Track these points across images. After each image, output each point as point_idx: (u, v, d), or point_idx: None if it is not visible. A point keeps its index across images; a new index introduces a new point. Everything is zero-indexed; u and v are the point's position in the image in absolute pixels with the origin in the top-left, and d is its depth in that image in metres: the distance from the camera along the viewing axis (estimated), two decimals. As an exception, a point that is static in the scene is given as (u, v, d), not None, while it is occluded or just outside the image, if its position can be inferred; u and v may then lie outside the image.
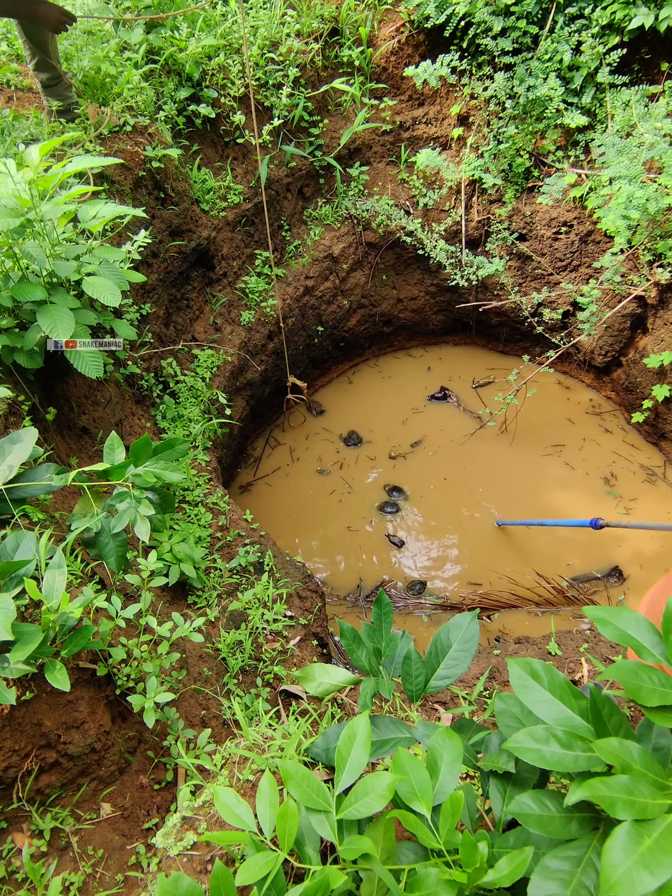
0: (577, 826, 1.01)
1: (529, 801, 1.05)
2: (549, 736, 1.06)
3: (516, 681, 1.14)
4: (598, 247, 4.79)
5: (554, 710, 1.11)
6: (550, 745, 1.06)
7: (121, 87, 3.66)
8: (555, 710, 1.11)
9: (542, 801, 1.04)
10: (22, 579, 1.63)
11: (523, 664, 1.17)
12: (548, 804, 1.07)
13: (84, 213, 2.47)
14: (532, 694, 1.13)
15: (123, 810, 1.93)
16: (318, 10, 4.55)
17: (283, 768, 1.15)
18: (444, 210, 5.12)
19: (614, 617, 1.17)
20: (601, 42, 4.13)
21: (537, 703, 1.10)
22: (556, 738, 1.05)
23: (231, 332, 4.53)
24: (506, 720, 1.20)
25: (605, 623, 1.17)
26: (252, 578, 3.10)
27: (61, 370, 2.75)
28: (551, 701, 1.12)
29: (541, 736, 1.06)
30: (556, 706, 1.11)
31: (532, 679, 1.14)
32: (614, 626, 1.16)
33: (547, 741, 1.06)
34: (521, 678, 1.14)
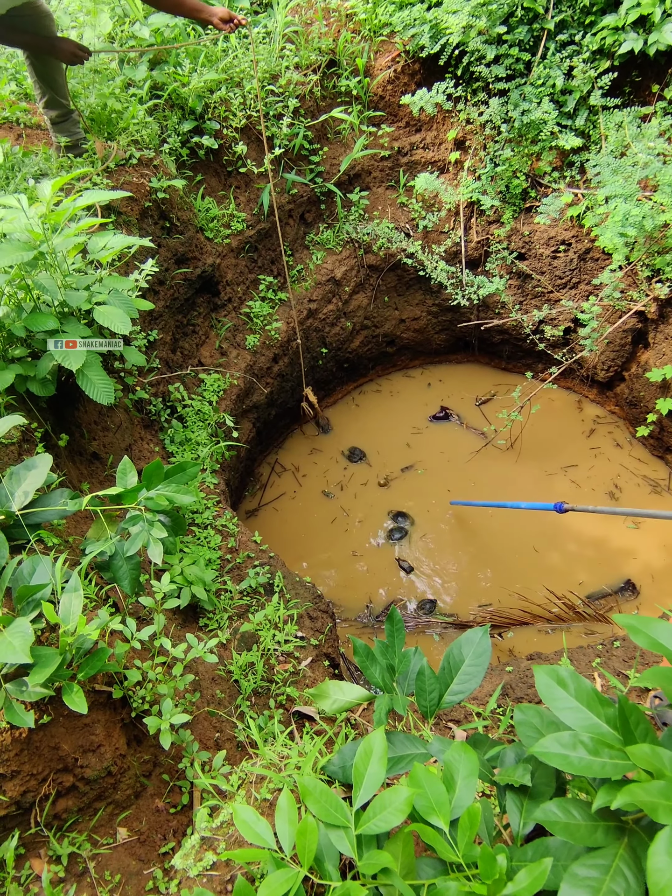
0: (602, 834, 1.02)
1: (555, 809, 1.06)
2: (576, 742, 1.08)
3: (543, 688, 1.15)
4: (596, 264, 4.86)
5: (581, 718, 1.12)
6: (578, 751, 1.07)
7: (126, 121, 3.77)
8: (582, 717, 1.12)
9: (567, 809, 1.05)
10: (39, 603, 1.65)
11: (550, 671, 1.19)
12: (573, 812, 1.08)
13: (93, 244, 2.54)
14: (559, 701, 1.14)
15: (140, 835, 1.93)
16: (315, 43, 4.69)
17: (302, 784, 1.16)
18: (443, 232, 5.21)
19: (646, 626, 1.18)
20: (592, 66, 4.24)
21: (564, 710, 1.12)
22: (583, 745, 1.06)
23: (237, 355, 4.60)
24: (525, 730, 1.21)
25: (637, 632, 1.18)
26: (262, 600, 3.12)
27: (73, 397, 2.80)
28: (578, 708, 1.13)
29: (567, 742, 1.07)
30: (583, 713, 1.12)
31: (559, 686, 1.16)
32: (646, 634, 1.17)
33: (574, 747, 1.07)
34: (547, 686, 1.15)
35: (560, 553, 4.66)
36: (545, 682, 1.18)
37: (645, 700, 2.21)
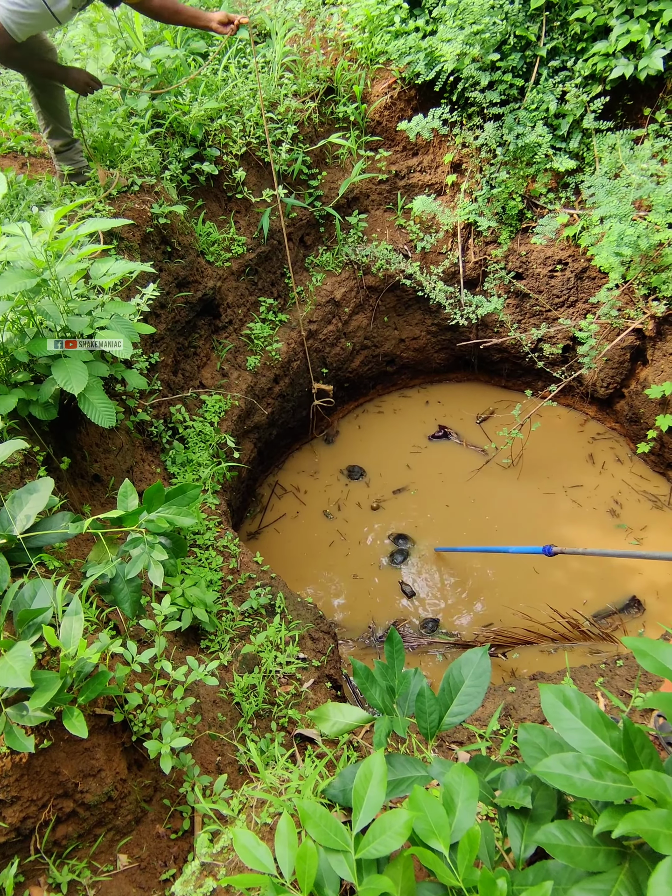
0: (604, 858, 1.01)
1: (556, 832, 1.05)
2: (579, 763, 1.07)
3: (548, 708, 1.15)
4: (593, 282, 4.91)
5: (585, 739, 1.11)
6: (581, 773, 1.07)
7: (128, 150, 3.85)
8: (586, 738, 1.11)
9: (568, 832, 1.04)
10: (40, 627, 1.66)
11: (556, 691, 1.18)
12: (574, 835, 1.08)
13: (96, 270, 2.59)
14: (564, 721, 1.14)
15: (140, 861, 1.91)
16: (313, 71, 4.79)
17: (301, 808, 1.16)
18: (441, 253, 5.27)
19: (653, 649, 1.18)
20: (585, 91, 4.32)
21: (568, 730, 1.11)
22: (586, 767, 1.06)
23: (238, 377, 4.63)
24: (529, 750, 1.21)
25: (644, 655, 1.18)
26: (264, 621, 3.11)
27: (74, 420, 2.83)
28: (583, 730, 1.13)
29: (571, 763, 1.07)
30: (588, 735, 1.12)
31: (564, 707, 1.15)
32: (653, 657, 1.17)
33: (577, 769, 1.07)
34: (553, 705, 1.15)
35: (563, 571, 4.65)
36: (551, 701, 1.18)
37: (648, 719, 2.19)
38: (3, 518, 1.87)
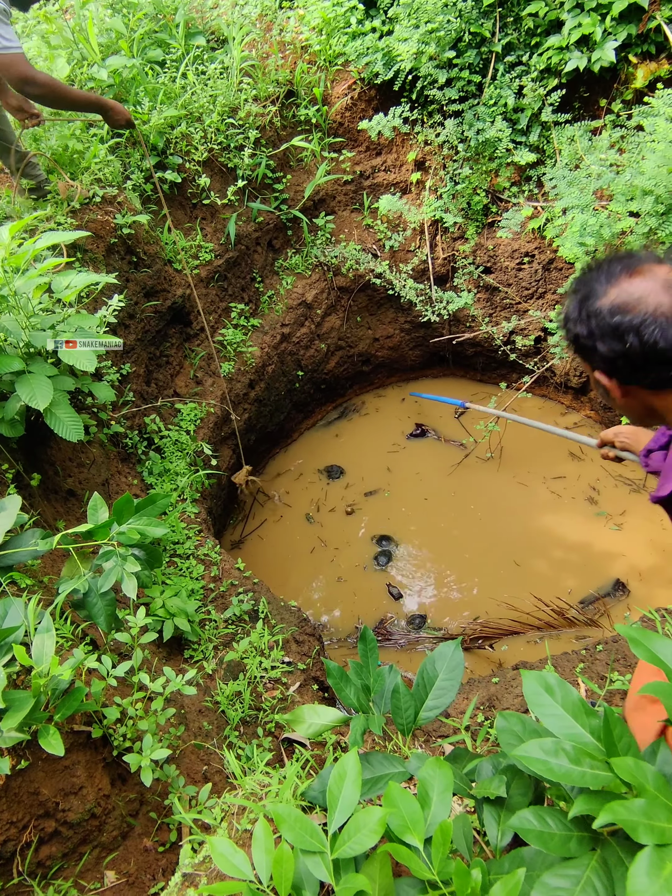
0: (575, 845, 1.02)
1: (530, 817, 1.06)
2: (558, 749, 1.08)
3: (530, 694, 1.16)
4: (560, 273, 4.96)
5: (565, 725, 1.12)
6: (559, 759, 1.08)
7: (88, 161, 3.82)
8: (566, 725, 1.12)
9: (542, 818, 1.06)
10: (11, 647, 1.64)
11: (538, 677, 1.19)
12: (548, 821, 1.09)
13: (57, 283, 2.57)
14: (544, 707, 1.15)
15: (128, 877, 1.89)
16: (273, 75, 4.80)
17: (275, 812, 1.16)
18: (409, 250, 5.30)
19: (647, 639, 1.18)
20: (541, 85, 4.37)
21: (548, 716, 1.12)
22: (564, 753, 1.07)
23: (212, 383, 4.62)
24: (507, 738, 1.22)
25: (638, 644, 1.18)
26: (248, 627, 3.10)
27: (44, 436, 2.80)
28: (563, 716, 1.13)
29: (550, 748, 1.08)
30: (568, 721, 1.13)
31: (546, 693, 1.16)
32: (646, 647, 1.17)
33: (556, 754, 1.08)
34: (535, 692, 1.16)
35: (546, 560, 4.68)
36: (532, 687, 1.18)
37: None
38: (-30, 538, 1.85)
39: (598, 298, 1.32)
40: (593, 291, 1.34)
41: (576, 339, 1.38)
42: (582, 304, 1.36)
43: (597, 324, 1.31)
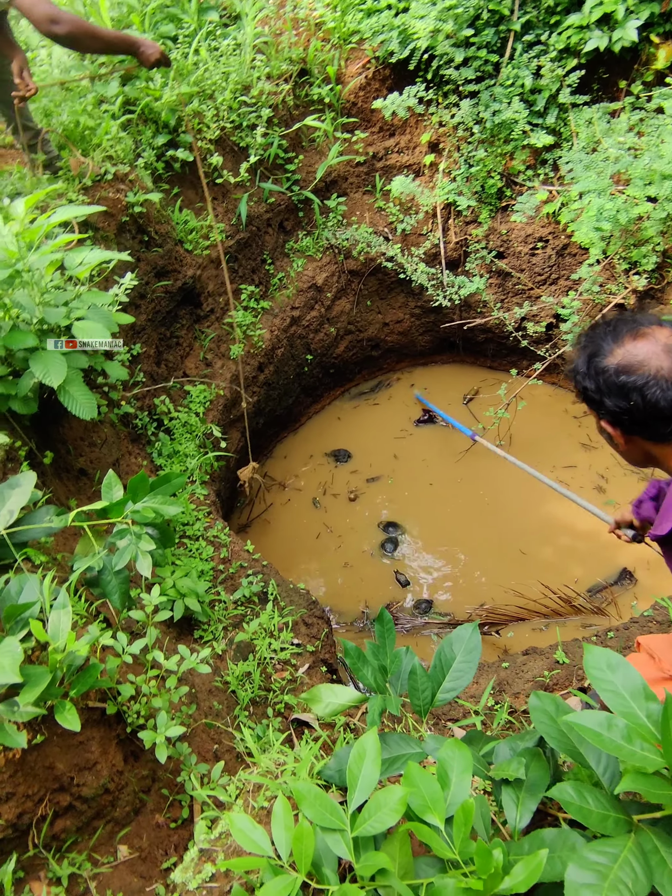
0: (613, 824, 1.03)
1: (570, 790, 1.06)
2: (611, 724, 1.09)
3: (592, 668, 1.16)
4: (574, 259, 4.90)
5: (622, 704, 1.12)
6: (611, 733, 1.08)
7: (100, 137, 3.78)
8: (623, 703, 1.12)
9: (581, 793, 1.06)
10: (27, 622, 1.64)
11: (601, 653, 1.19)
12: (586, 797, 1.09)
13: (70, 260, 2.54)
14: (606, 683, 1.15)
15: (141, 851, 1.91)
16: (286, 53, 4.72)
17: (296, 790, 1.16)
18: (422, 234, 5.24)
19: None
20: (560, 65, 4.29)
21: (608, 692, 1.13)
22: (617, 729, 1.07)
23: (222, 366, 4.60)
24: (539, 717, 1.22)
25: None
26: (257, 608, 3.11)
27: (56, 414, 2.79)
28: (622, 695, 1.13)
29: (602, 721, 1.08)
30: (626, 701, 1.13)
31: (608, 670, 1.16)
32: None
33: (609, 728, 1.08)
34: (597, 666, 1.16)
35: (553, 548, 4.68)
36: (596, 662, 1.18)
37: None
38: (-15, 514, 1.84)
39: (605, 357, 1.45)
40: (601, 350, 1.47)
41: (584, 391, 1.53)
42: (590, 360, 1.49)
43: (604, 381, 1.44)
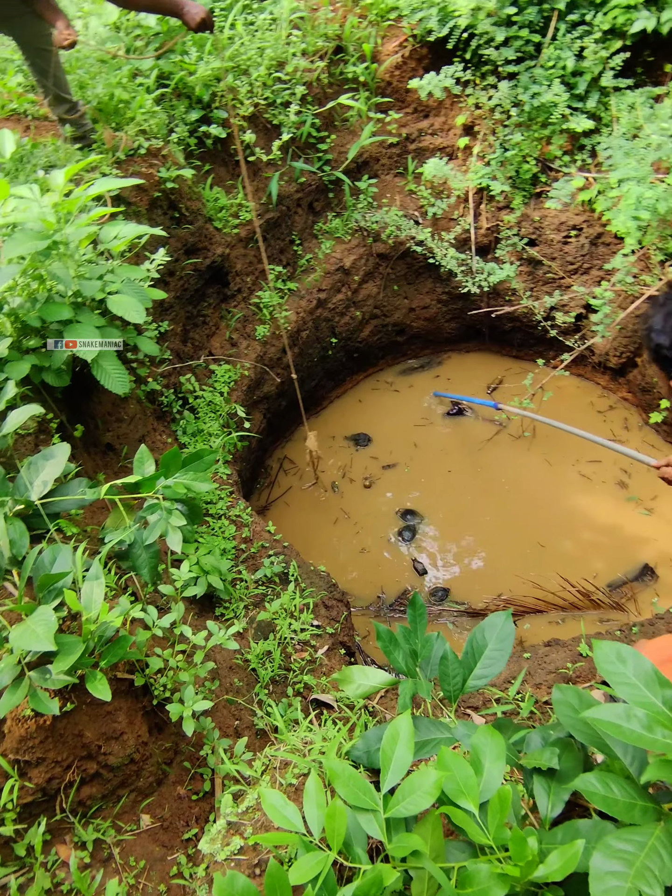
0: (640, 813, 1.01)
1: (594, 780, 1.06)
2: (630, 715, 1.08)
3: (602, 662, 1.15)
4: (608, 249, 4.80)
5: (637, 694, 1.11)
6: (631, 723, 1.07)
7: (134, 111, 3.75)
8: (638, 693, 1.11)
9: (605, 783, 1.05)
10: (60, 592, 1.66)
11: (611, 647, 1.18)
12: (612, 787, 1.08)
13: (105, 234, 2.53)
14: (618, 676, 1.14)
15: (163, 821, 1.94)
16: (322, 29, 4.64)
17: (330, 768, 1.16)
18: (452, 219, 5.16)
19: None
20: (604, 47, 4.17)
21: (621, 684, 1.11)
22: (637, 719, 1.06)
23: (247, 346, 4.59)
24: (563, 709, 1.21)
25: None
26: (277, 589, 3.12)
27: (87, 388, 2.80)
28: (635, 685, 1.12)
29: (621, 713, 1.07)
30: (640, 690, 1.12)
31: (619, 662, 1.15)
32: None
33: (628, 719, 1.07)
34: (607, 660, 1.15)
35: (574, 542, 4.64)
36: (605, 656, 1.17)
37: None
38: (19, 484, 1.86)
39: None
40: None
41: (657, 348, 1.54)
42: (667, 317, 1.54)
43: None
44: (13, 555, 1.72)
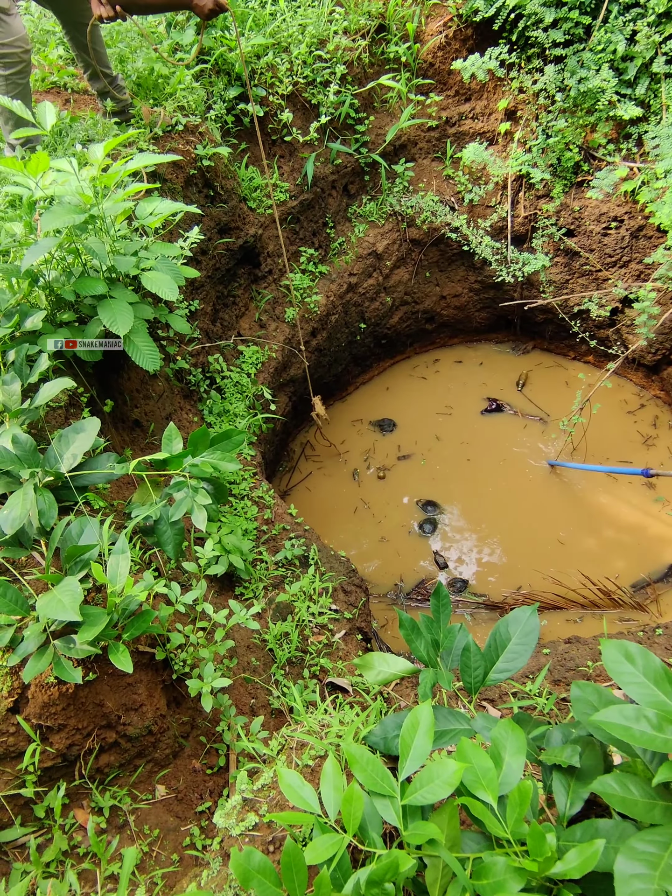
0: (660, 812, 1.00)
1: (612, 782, 1.04)
2: (640, 716, 1.06)
3: (610, 662, 1.13)
4: (649, 242, 4.68)
5: (647, 693, 1.10)
6: (640, 724, 1.06)
7: (173, 87, 3.73)
8: (648, 692, 1.10)
9: (624, 784, 1.03)
10: (87, 563, 1.68)
11: (619, 645, 1.17)
12: (630, 787, 1.07)
13: (141, 210, 2.53)
14: (625, 675, 1.12)
15: (177, 793, 1.97)
16: (365, 6, 4.55)
17: (349, 752, 1.16)
18: (489, 206, 5.07)
19: None
20: (657, 31, 4.03)
21: (629, 683, 1.10)
22: (646, 719, 1.04)
23: (275, 328, 4.57)
24: (581, 707, 1.19)
25: None
26: (297, 571, 3.13)
27: (117, 364, 2.82)
28: (645, 684, 1.11)
29: (631, 715, 1.06)
30: (650, 689, 1.10)
31: (626, 661, 1.13)
32: None
33: (637, 720, 1.06)
34: (615, 660, 1.13)
35: (597, 539, 4.58)
36: (613, 655, 1.15)
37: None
38: (50, 456, 1.88)
39: None
40: None
41: None
42: None
43: None
44: (42, 525, 1.75)
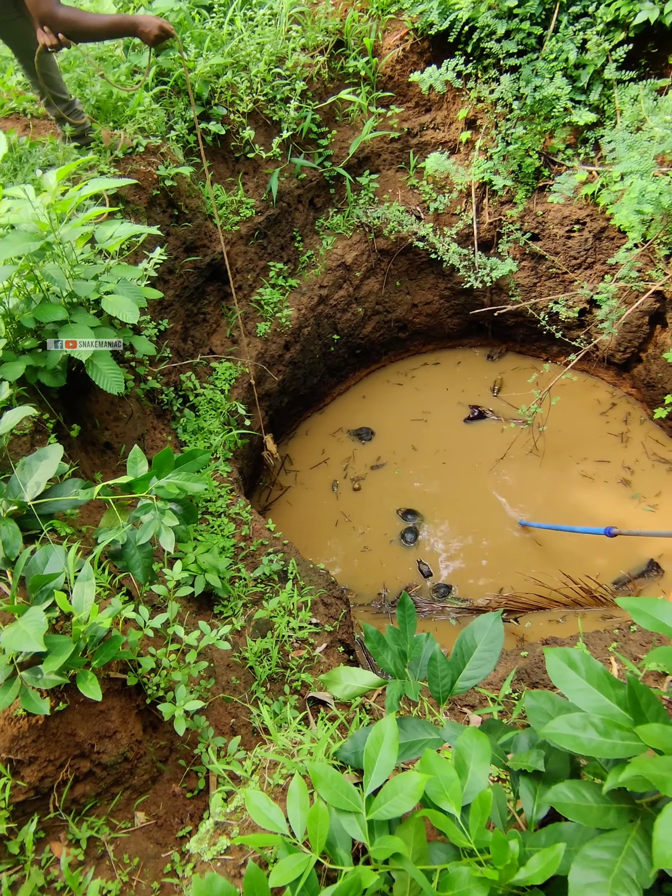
0: (615, 816, 1.01)
1: (566, 791, 1.05)
2: (586, 723, 1.07)
3: (554, 670, 1.14)
4: (612, 243, 4.76)
5: (591, 699, 1.11)
6: (588, 732, 1.06)
7: (132, 109, 3.75)
8: (592, 698, 1.11)
9: (578, 791, 1.04)
10: (52, 592, 1.66)
11: (561, 653, 1.18)
12: (585, 794, 1.08)
13: (101, 233, 2.53)
14: (569, 683, 1.13)
15: (157, 819, 1.95)
16: (322, 23, 4.61)
17: (313, 771, 1.16)
18: (455, 214, 5.13)
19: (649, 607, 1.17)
20: (607, 39, 4.12)
21: (574, 691, 1.11)
22: (593, 726, 1.05)
23: (248, 344, 4.58)
24: (536, 716, 1.20)
25: (640, 613, 1.16)
26: (276, 587, 3.13)
27: (84, 388, 2.81)
28: (589, 690, 1.12)
29: (578, 723, 1.06)
30: (594, 695, 1.11)
31: (570, 668, 1.15)
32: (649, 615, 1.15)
33: (584, 728, 1.07)
34: (558, 668, 1.14)
35: (576, 538, 4.61)
36: (556, 664, 1.17)
37: (662, 684, 2.18)
38: (13, 485, 1.87)
39: None
40: None
41: None
42: None
43: None
44: (6, 555, 1.74)
